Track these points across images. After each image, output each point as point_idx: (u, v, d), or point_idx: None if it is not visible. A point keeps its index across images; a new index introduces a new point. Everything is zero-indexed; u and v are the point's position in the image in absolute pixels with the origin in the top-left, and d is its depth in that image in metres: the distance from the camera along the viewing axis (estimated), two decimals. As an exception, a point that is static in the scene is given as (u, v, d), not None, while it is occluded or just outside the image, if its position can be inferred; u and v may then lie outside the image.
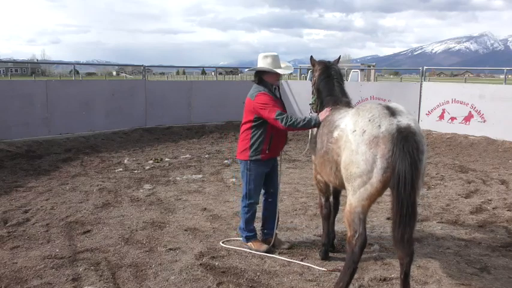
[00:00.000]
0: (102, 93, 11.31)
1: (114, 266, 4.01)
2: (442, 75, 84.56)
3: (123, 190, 6.53)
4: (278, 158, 4.51)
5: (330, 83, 4.15)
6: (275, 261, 4.14)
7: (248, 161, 4.22)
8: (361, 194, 3.10)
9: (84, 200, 6.00)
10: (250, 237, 4.40)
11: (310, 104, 4.51)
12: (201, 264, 4.04)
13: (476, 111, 10.64)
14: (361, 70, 24.26)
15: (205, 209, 5.68)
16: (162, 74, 73.43)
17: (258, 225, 4.59)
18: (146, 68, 13.17)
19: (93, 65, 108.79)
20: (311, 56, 4.45)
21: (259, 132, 4.16)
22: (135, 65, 29.50)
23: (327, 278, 3.81)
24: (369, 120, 3.09)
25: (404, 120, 3.04)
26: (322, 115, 3.89)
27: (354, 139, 3.12)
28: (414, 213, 2.90)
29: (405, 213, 2.86)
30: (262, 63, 4.23)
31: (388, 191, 3.09)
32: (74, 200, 5.99)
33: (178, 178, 7.29)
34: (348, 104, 3.97)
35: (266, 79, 4.24)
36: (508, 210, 5.67)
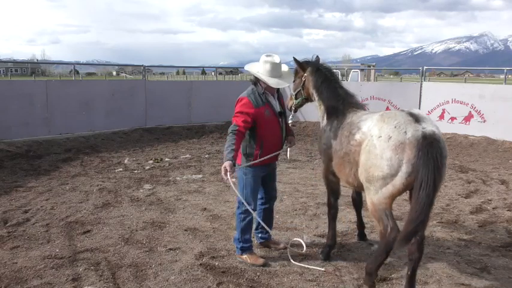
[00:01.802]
0: (102, 93, 11.30)
1: (114, 266, 4.01)
2: (442, 75, 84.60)
3: (123, 190, 6.53)
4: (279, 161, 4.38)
5: (331, 86, 4.14)
6: (275, 261, 4.14)
7: (241, 166, 4.03)
8: (383, 194, 3.25)
9: (84, 200, 6.00)
10: (245, 248, 4.10)
11: (294, 106, 4.52)
12: (201, 264, 4.04)
13: (476, 111, 10.64)
14: (361, 70, 24.27)
15: (205, 209, 5.68)
16: (162, 74, 73.44)
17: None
18: (146, 68, 13.17)
19: (93, 65, 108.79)
20: (294, 58, 4.36)
21: (249, 137, 3.99)
22: (135, 65, 29.48)
23: (327, 278, 3.81)
24: (395, 127, 3.20)
25: (428, 127, 3.16)
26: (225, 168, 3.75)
27: (379, 144, 3.21)
28: (429, 212, 3.03)
29: (422, 212, 2.98)
30: (261, 68, 3.98)
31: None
32: (74, 200, 5.99)
33: (178, 178, 7.29)
34: (362, 106, 4.03)
35: (261, 84, 4.01)
36: (508, 210, 5.68)
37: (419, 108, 11.66)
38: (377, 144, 3.24)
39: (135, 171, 7.76)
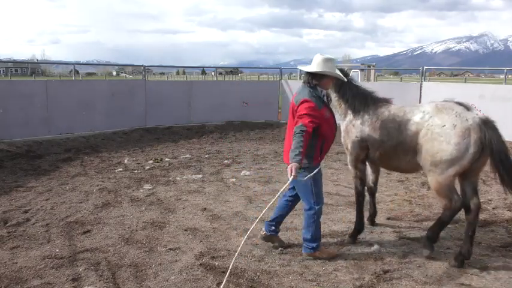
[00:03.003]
0: (102, 93, 11.31)
1: (114, 266, 4.01)
2: (442, 75, 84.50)
3: (123, 190, 6.53)
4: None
5: (352, 85, 4.49)
6: (275, 261, 4.14)
7: (307, 167, 3.98)
8: (449, 173, 3.82)
9: (84, 200, 6.00)
10: (318, 246, 4.15)
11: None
12: (201, 264, 4.04)
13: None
14: (361, 70, 24.27)
15: (205, 209, 5.68)
16: (162, 74, 73.48)
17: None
18: (146, 68, 13.18)
19: (93, 65, 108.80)
20: None
21: (311, 138, 3.93)
22: (135, 65, 29.50)
23: (327, 278, 3.81)
24: (456, 116, 3.80)
25: (479, 114, 3.93)
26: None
27: (445, 132, 3.78)
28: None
29: (508, 174, 3.72)
30: (325, 67, 3.97)
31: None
32: (74, 200, 5.99)
33: (178, 178, 7.29)
34: (388, 100, 4.46)
35: (322, 84, 4.03)
36: (508, 210, 5.68)
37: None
38: (441, 132, 3.79)
39: (135, 171, 7.76)
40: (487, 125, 3.75)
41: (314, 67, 4.00)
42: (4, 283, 3.66)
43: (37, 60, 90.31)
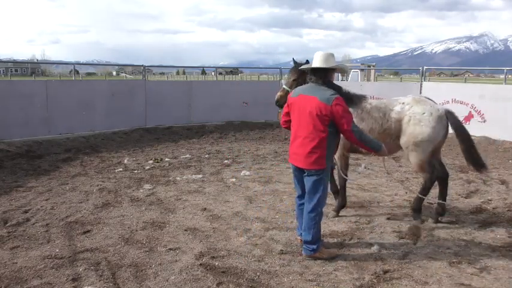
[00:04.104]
0: (102, 93, 11.30)
1: (114, 266, 4.01)
2: (442, 75, 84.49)
3: (123, 190, 6.53)
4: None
5: (334, 85, 4.62)
6: (275, 261, 4.14)
7: (326, 169, 4.01)
8: (428, 151, 4.86)
9: (84, 200, 6.00)
10: (319, 247, 4.13)
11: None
12: (201, 264, 4.04)
13: (476, 111, 10.64)
14: (361, 70, 24.27)
15: (205, 209, 5.68)
16: (162, 74, 73.53)
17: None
18: (146, 68, 13.17)
19: (93, 65, 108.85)
20: (294, 59, 5.08)
21: (335, 140, 4.01)
22: (135, 65, 29.48)
23: (327, 278, 3.81)
24: (431, 107, 4.91)
25: (444, 107, 5.14)
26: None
27: (425, 118, 4.81)
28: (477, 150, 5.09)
29: (476, 151, 5.05)
30: (334, 62, 4.03)
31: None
32: (74, 200, 5.99)
33: (178, 178, 7.29)
34: (366, 96, 5.13)
35: (331, 79, 4.13)
36: (508, 210, 5.68)
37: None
38: (422, 118, 4.81)
39: (135, 171, 7.76)
40: (451, 115, 4.94)
41: (331, 63, 4.00)
42: (4, 283, 3.67)
43: (37, 60, 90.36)
